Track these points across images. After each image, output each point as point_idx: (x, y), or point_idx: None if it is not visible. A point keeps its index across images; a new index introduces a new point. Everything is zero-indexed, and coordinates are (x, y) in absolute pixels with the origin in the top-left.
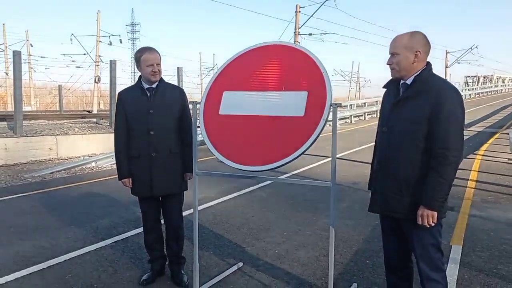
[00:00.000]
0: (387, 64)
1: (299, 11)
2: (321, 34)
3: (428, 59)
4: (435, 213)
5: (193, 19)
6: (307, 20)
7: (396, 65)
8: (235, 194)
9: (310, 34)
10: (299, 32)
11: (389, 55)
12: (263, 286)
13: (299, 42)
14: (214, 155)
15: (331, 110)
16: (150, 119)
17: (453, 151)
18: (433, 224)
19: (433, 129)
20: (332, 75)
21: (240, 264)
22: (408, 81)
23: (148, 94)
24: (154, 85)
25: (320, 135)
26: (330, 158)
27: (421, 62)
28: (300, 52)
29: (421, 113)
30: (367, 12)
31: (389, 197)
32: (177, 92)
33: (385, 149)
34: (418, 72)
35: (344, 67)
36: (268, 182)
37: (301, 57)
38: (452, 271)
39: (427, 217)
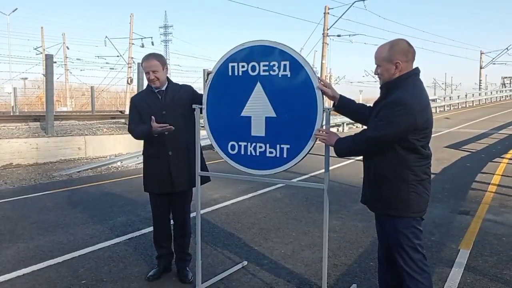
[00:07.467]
0: (375, 74)
1: (328, 13)
2: (349, 35)
3: (456, 60)
4: (331, 144)
5: (225, 22)
6: (336, 21)
7: (381, 75)
8: (250, 195)
9: (338, 36)
10: (327, 34)
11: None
12: (265, 284)
13: (328, 44)
14: None
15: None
16: (164, 120)
17: (371, 133)
18: (320, 137)
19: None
20: (363, 76)
21: (245, 262)
22: None
23: (160, 97)
24: (163, 88)
25: None
26: (351, 160)
27: (404, 71)
28: None
29: None
30: (396, 13)
31: (365, 189)
32: (185, 90)
33: None
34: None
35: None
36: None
37: None
38: (455, 275)
39: (325, 135)
